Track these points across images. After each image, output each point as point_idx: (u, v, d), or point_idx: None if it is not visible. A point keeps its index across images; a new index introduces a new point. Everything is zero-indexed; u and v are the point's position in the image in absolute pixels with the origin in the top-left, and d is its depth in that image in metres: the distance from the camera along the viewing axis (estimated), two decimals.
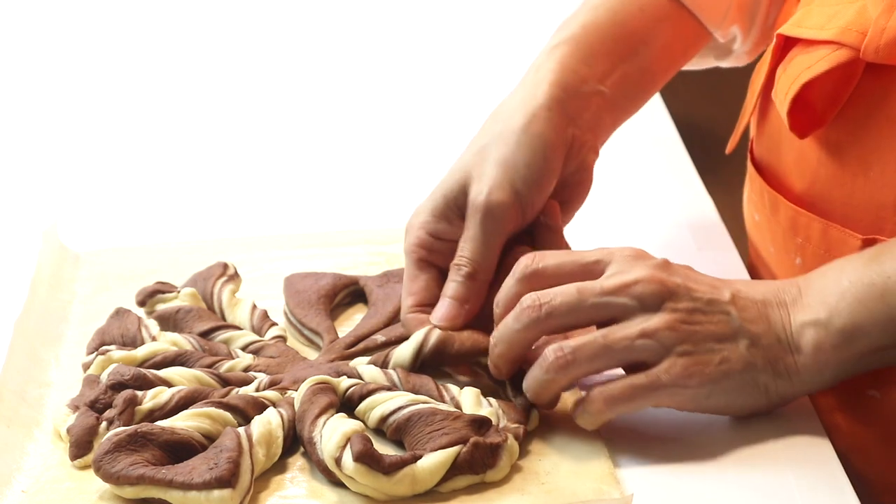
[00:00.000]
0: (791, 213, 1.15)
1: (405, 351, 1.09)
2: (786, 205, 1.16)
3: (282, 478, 1.02)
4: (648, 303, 1.02)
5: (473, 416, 1.02)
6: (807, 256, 1.15)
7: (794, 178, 1.16)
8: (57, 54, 1.81)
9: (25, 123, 1.64)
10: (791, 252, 1.17)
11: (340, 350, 1.13)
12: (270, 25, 1.88)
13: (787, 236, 1.17)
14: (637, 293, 1.03)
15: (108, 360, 1.10)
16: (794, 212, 1.15)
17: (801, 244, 1.15)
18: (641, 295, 1.03)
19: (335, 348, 1.14)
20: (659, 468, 1.03)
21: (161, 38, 1.85)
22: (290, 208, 1.42)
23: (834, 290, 1.03)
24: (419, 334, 1.09)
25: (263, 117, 1.63)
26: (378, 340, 1.14)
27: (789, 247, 1.17)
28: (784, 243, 1.17)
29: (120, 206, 1.43)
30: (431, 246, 1.14)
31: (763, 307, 1.04)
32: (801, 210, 1.15)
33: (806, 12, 1.14)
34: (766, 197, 1.19)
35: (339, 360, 1.12)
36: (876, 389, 1.10)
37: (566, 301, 1.03)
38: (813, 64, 1.10)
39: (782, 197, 1.17)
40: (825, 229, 1.13)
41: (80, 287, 1.26)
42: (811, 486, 1.00)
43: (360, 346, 1.13)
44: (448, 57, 1.76)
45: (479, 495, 0.99)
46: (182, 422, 1.02)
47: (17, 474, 1.02)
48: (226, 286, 1.20)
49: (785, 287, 1.05)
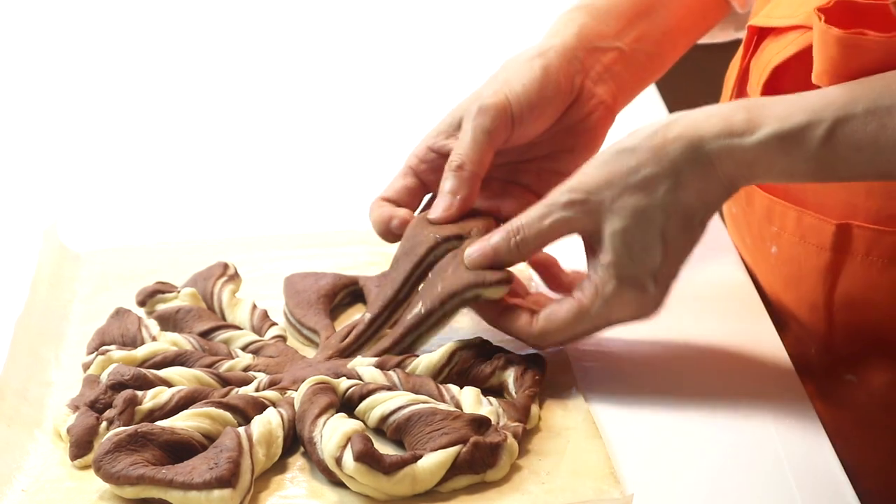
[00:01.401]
0: (766, 203, 1.17)
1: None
2: (761, 195, 1.18)
3: (282, 478, 1.02)
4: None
5: (473, 415, 1.02)
6: (782, 244, 1.16)
7: None
8: (57, 54, 1.81)
9: (25, 123, 1.64)
10: (766, 241, 1.18)
11: (336, 344, 1.13)
12: (271, 24, 1.88)
13: (762, 226, 1.18)
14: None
15: (108, 360, 1.10)
16: (769, 201, 1.17)
17: (777, 233, 1.16)
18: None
19: (331, 343, 1.14)
20: (659, 468, 1.03)
21: (161, 39, 1.85)
22: (291, 208, 1.42)
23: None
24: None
25: (264, 117, 1.63)
26: (366, 319, 1.14)
27: (764, 236, 1.18)
28: (759, 233, 1.19)
29: (120, 206, 1.43)
30: (428, 158, 1.17)
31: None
32: (776, 199, 1.16)
33: (776, 3, 1.16)
34: (741, 189, 1.20)
35: (336, 357, 1.12)
36: (852, 373, 1.12)
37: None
38: (782, 49, 1.12)
39: (757, 187, 1.18)
40: (799, 217, 1.14)
41: (81, 287, 1.26)
42: (811, 487, 1.00)
43: (352, 336, 1.13)
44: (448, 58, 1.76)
45: (479, 495, 0.99)
46: (182, 422, 1.02)
47: (18, 473, 1.02)
48: (226, 286, 1.20)
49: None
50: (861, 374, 1.13)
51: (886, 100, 1.00)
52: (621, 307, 1.07)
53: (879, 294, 1.12)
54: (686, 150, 1.04)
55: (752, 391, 1.11)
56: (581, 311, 1.07)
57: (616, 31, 1.20)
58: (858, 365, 1.13)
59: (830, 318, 1.16)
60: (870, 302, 1.13)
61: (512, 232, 1.09)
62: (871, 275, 1.12)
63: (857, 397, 1.14)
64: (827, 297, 1.15)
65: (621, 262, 1.05)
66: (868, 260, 1.11)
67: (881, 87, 1.01)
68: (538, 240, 1.08)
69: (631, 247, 1.05)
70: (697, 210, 1.05)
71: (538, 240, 1.08)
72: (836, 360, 1.11)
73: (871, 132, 1.00)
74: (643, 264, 1.05)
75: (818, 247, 1.13)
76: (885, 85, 1.01)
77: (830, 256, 1.13)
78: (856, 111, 1.01)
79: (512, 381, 1.08)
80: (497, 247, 1.09)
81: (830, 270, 1.14)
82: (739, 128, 1.03)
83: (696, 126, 1.04)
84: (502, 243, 1.09)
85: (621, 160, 1.05)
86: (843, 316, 1.15)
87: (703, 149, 1.03)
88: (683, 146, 1.04)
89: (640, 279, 1.06)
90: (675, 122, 1.05)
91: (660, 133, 1.05)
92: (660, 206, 1.04)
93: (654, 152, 1.04)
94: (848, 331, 1.15)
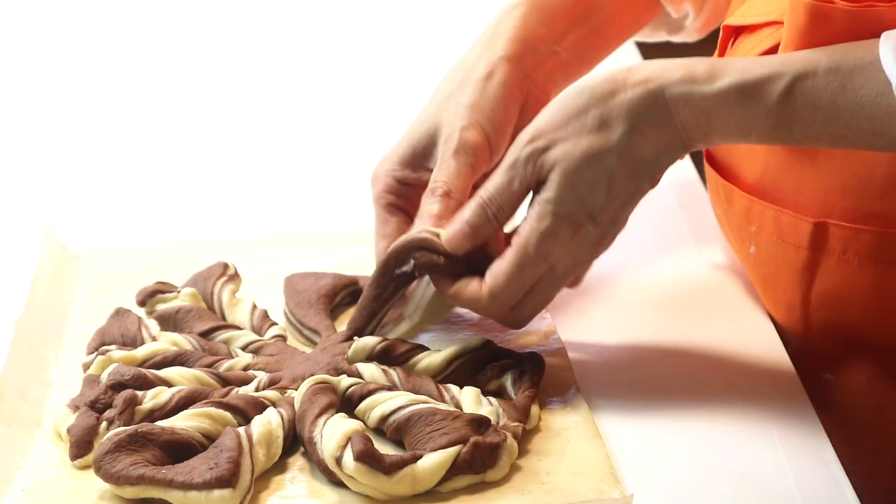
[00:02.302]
0: (745, 203, 1.17)
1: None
2: (740, 195, 1.18)
3: (282, 478, 1.02)
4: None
5: (473, 415, 1.02)
6: (760, 244, 1.17)
7: (746, 168, 1.18)
8: (57, 54, 1.81)
9: (25, 123, 1.64)
10: (745, 241, 1.19)
11: (335, 343, 1.13)
12: (271, 25, 1.88)
13: (741, 225, 1.19)
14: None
15: (108, 360, 1.10)
16: (748, 201, 1.17)
17: (755, 232, 1.17)
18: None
19: (330, 342, 1.14)
20: (659, 468, 1.03)
21: (161, 39, 1.85)
22: (290, 208, 1.42)
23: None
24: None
25: (264, 118, 1.63)
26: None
27: (743, 236, 1.19)
28: (739, 233, 1.19)
29: (120, 206, 1.43)
30: (399, 192, 1.17)
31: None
32: (754, 199, 1.17)
33: (751, 3, 1.17)
34: (721, 190, 1.21)
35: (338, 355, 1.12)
36: (831, 373, 1.12)
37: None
38: (757, 44, 1.13)
39: (736, 188, 1.19)
40: (777, 216, 1.15)
41: (81, 287, 1.26)
42: (811, 487, 1.00)
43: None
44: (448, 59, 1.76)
45: (479, 495, 0.99)
46: (182, 422, 1.02)
47: (18, 474, 1.02)
48: (226, 286, 1.20)
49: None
50: (839, 373, 1.14)
51: (849, 62, 1.01)
52: (557, 245, 1.07)
53: (856, 293, 1.13)
54: (645, 94, 1.05)
55: (753, 391, 1.11)
56: (520, 252, 1.08)
57: (556, 35, 1.22)
58: (836, 364, 1.14)
59: (808, 318, 1.16)
60: (847, 300, 1.13)
61: (485, 204, 1.09)
62: (848, 273, 1.12)
63: (835, 396, 1.14)
64: (804, 297, 1.15)
65: (562, 200, 1.06)
66: (844, 258, 1.12)
67: (844, 50, 1.02)
68: (511, 203, 1.09)
69: (576, 185, 1.06)
70: (649, 160, 1.06)
71: (511, 203, 1.09)
72: (815, 360, 1.11)
73: (830, 91, 1.01)
74: (583, 204, 1.06)
75: (795, 246, 1.14)
76: (848, 49, 1.02)
77: (807, 255, 1.14)
78: (817, 69, 1.02)
79: (510, 385, 1.08)
80: (473, 222, 1.09)
81: (807, 269, 1.14)
82: (701, 76, 1.04)
83: (657, 72, 1.05)
84: (478, 218, 1.09)
85: (579, 101, 1.06)
86: (821, 315, 1.15)
87: (662, 94, 1.04)
88: (643, 91, 1.05)
89: (578, 217, 1.06)
90: (637, 69, 1.06)
91: (620, 77, 1.06)
92: (614, 149, 1.05)
93: (613, 95, 1.05)
94: (825, 330, 1.16)
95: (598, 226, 1.07)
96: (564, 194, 1.06)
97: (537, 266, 1.08)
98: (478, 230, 1.09)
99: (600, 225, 1.07)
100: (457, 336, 1.16)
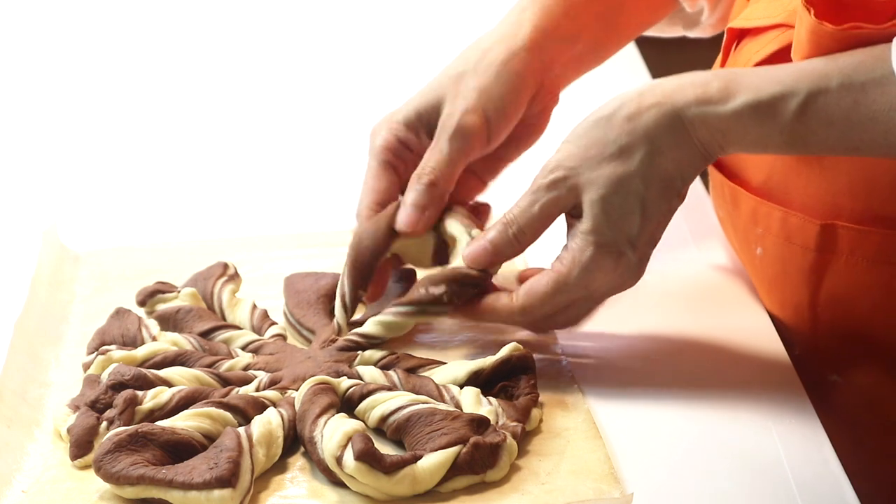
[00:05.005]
0: (752, 205, 1.17)
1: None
2: (746, 196, 1.18)
3: (282, 478, 1.02)
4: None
5: (473, 415, 1.02)
6: (767, 246, 1.17)
7: (753, 170, 1.18)
8: (57, 54, 1.81)
9: (25, 123, 1.64)
10: (752, 243, 1.19)
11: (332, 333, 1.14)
12: (270, 25, 1.88)
13: (747, 227, 1.19)
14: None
15: (108, 360, 1.10)
16: (754, 202, 1.17)
17: (762, 234, 1.17)
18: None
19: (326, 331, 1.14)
20: (659, 468, 1.03)
21: (161, 39, 1.85)
22: (290, 208, 1.42)
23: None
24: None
25: (263, 118, 1.63)
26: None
27: (750, 238, 1.19)
28: (745, 235, 1.19)
29: (120, 206, 1.43)
30: (397, 151, 1.18)
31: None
32: (761, 200, 1.17)
33: (755, 6, 1.17)
34: (726, 192, 1.21)
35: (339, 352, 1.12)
36: (837, 374, 1.12)
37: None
38: (762, 47, 1.13)
39: (742, 189, 1.19)
40: (785, 218, 1.15)
41: (80, 287, 1.26)
42: (811, 486, 1.00)
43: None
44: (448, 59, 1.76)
45: (479, 495, 1.00)
46: (182, 422, 1.02)
47: (18, 474, 1.02)
48: (226, 286, 1.20)
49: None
50: (846, 375, 1.14)
51: (861, 76, 1.01)
52: (600, 275, 1.08)
53: (864, 294, 1.13)
54: (661, 117, 1.05)
55: (752, 391, 1.11)
56: (560, 280, 1.08)
57: (577, 28, 1.22)
58: (843, 365, 1.14)
59: (815, 319, 1.16)
60: (854, 302, 1.14)
61: (507, 224, 1.10)
62: (856, 275, 1.12)
63: (842, 397, 1.14)
64: (812, 298, 1.15)
65: (599, 229, 1.06)
66: (852, 260, 1.12)
67: (855, 62, 1.02)
68: (533, 227, 1.10)
69: (609, 214, 1.06)
70: (675, 177, 1.06)
71: (533, 227, 1.10)
72: (822, 361, 1.11)
73: (844, 108, 1.02)
74: (621, 231, 1.06)
75: (803, 247, 1.14)
76: (859, 61, 1.02)
77: (815, 257, 1.14)
78: (830, 86, 1.02)
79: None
80: (495, 241, 1.10)
81: (815, 271, 1.14)
82: (715, 96, 1.04)
83: (670, 94, 1.05)
84: (500, 237, 1.10)
85: (597, 131, 1.07)
86: (828, 316, 1.15)
87: (678, 116, 1.05)
88: (658, 114, 1.05)
89: (618, 245, 1.07)
90: (650, 91, 1.06)
91: (634, 101, 1.06)
92: (637, 173, 1.05)
93: (629, 121, 1.05)
94: (833, 332, 1.16)
95: (637, 250, 1.07)
96: (600, 224, 1.07)
97: (574, 293, 1.09)
98: (499, 248, 1.10)
99: (639, 248, 1.08)
100: (456, 342, 1.17)
